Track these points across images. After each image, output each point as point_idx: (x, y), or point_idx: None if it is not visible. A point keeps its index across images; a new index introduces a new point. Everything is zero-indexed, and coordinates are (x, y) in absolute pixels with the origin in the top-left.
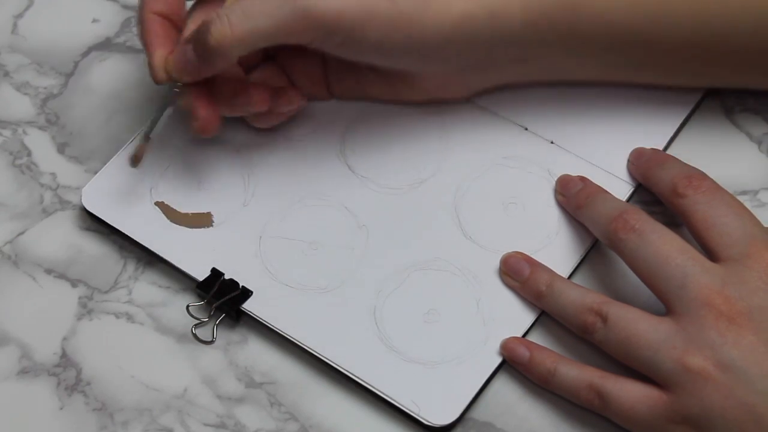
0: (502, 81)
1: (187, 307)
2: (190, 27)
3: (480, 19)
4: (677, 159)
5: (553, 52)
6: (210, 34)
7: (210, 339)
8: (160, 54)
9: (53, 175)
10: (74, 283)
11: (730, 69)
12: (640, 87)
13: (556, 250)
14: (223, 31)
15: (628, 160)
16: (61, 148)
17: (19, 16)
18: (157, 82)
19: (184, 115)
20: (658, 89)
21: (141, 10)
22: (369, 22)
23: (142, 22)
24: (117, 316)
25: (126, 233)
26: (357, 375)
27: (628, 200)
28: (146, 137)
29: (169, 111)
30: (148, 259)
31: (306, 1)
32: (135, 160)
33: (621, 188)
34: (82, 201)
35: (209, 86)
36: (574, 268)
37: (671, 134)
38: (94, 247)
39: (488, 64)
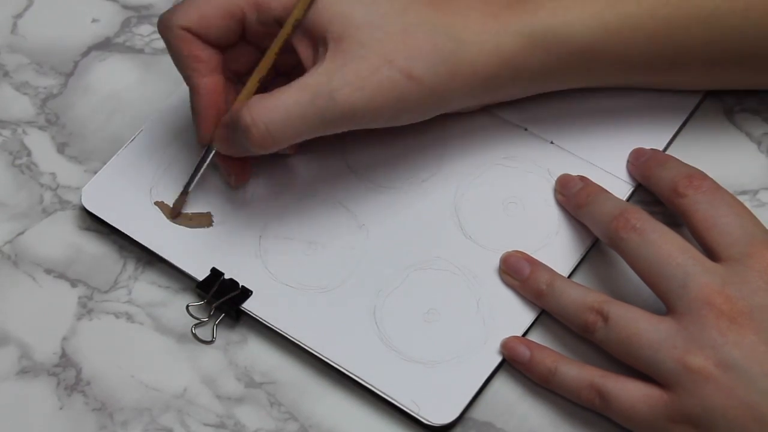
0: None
1: (187, 306)
2: (249, 92)
3: (504, 77)
4: (677, 159)
5: (571, 84)
6: (249, 141)
7: (210, 339)
8: (206, 119)
9: (53, 175)
10: (74, 283)
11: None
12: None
13: (556, 250)
14: (264, 139)
15: (628, 160)
16: (61, 148)
17: (19, 16)
18: (201, 143)
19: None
20: (657, 90)
21: (189, 77)
22: (401, 111)
23: (192, 88)
24: (117, 315)
25: (126, 233)
26: (357, 375)
27: (628, 200)
28: (185, 191)
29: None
30: (148, 258)
31: (344, 107)
32: (173, 214)
33: (621, 188)
34: (82, 201)
35: None
36: (574, 267)
37: (671, 134)
38: (93, 246)
39: (506, 98)
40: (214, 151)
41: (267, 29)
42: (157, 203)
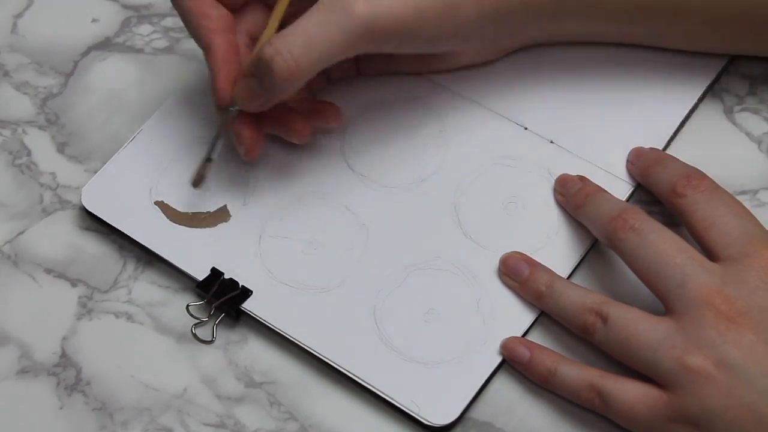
0: (530, 43)
1: (187, 306)
2: (241, 41)
3: (515, 2)
4: (676, 158)
5: (581, 21)
6: (274, 72)
7: (210, 339)
8: (225, 78)
9: (53, 174)
10: (74, 283)
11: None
12: (641, 84)
13: (556, 250)
14: (289, 67)
15: (628, 160)
16: (61, 148)
17: (19, 15)
18: (220, 105)
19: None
20: (657, 87)
21: (201, 36)
22: (422, 21)
23: (206, 47)
24: (117, 315)
25: (126, 233)
26: (357, 375)
27: (628, 200)
28: (208, 158)
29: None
30: (148, 258)
31: (365, 17)
32: (197, 182)
33: (620, 188)
34: (82, 201)
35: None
36: (573, 267)
37: (671, 134)
38: (93, 246)
39: (520, 34)
40: (237, 110)
41: None
42: (157, 203)
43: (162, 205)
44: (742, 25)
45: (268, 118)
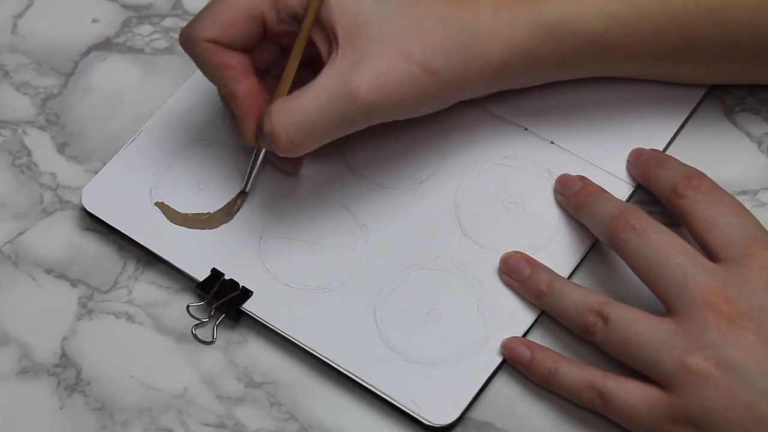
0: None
1: (188, 307)
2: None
3: (516, 67)
4: (677, 159)
5: (584, 74)
6: (276, 148)
7: (210, 339)
8: (251, 123)
9: (53, 175)
10: (74, 283)
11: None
12: (641, 84)
13: (557, 250)
14: (287, 146)
15: (628, 161)
16: (61, 148)
17: (19, 16)
18: (246, 145)
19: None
20: (658, 88)
21: (224, 86)
22: (420, 103)
23: (230, 95)
24: (117, 316)
25: (126, 234)
26: (357, 375)
27: (628, 200)
28: (243, 191)
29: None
30: (148, 259)
31: (364, 105)
32: (230, 213)
33: (621, 188)
34: (82, 201)
35: None
36: (574, 267)
37: (671, 134)
38: (94, 246)
39: (516, 86)
40: (264, 150)
41: (286, 27)
42: (157, 204)
43: (162, 206)
44: (751, 63)
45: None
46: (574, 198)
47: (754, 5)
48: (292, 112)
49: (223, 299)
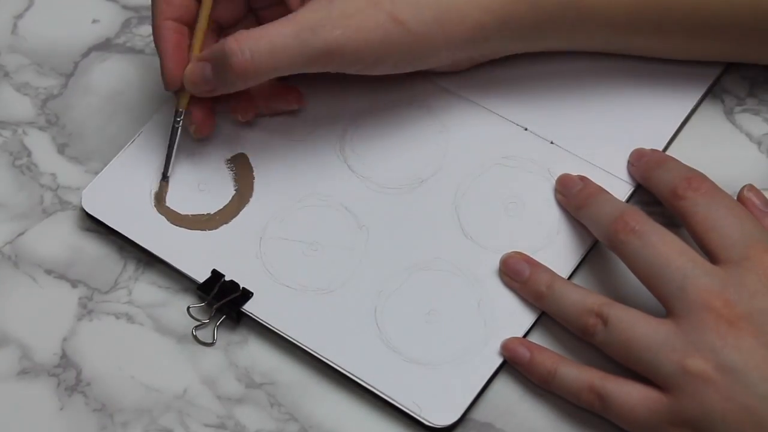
0: (502, 56)
1: (188, 308)
2: (199, 36)
3: (490, 29)
4: (677, 160)
5: (558, 43)
6: (231, 66)
7: (210, 341)
8: (173, 62)
9: (53, 175)
10: (74, 284)
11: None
12: (641, 84)
13: (557, 250)
14: (245, 65)
15: (628, 161)
16: (61, 149)
17: (19, 16)
18: (168, 89)
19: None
20: (658, 88)
21: (154, 17)
22: (387, 53)
23: (156, 29)
24: (117, 316)
25: (126, 235)
26: (358, 376)
27: (628, 201)
28: (164, 177)
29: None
30: (148, 259)
31: (326, 42)
32: (159, 200)
33: (621, 188)
34: (83, 203)
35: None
36: (574, 268)
37: (671, 134)
38: (94, 247)
39: (495, 54)
40: (182, 117)
41: None
42: (157, 205)
43: (162, 208)
44: (727, 38)
45: (258, 95)
46: (575, 198)
47: None
48: (257, 36)
49: (223, 300)
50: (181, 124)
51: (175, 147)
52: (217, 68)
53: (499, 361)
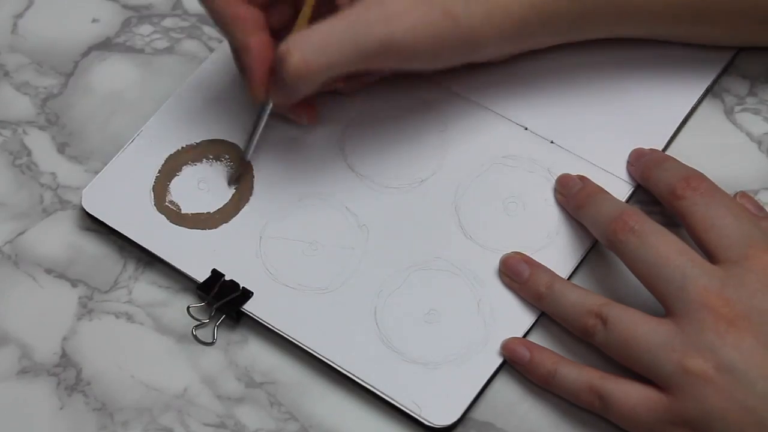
0: (543, 47)
1: (188, 308)
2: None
3: (534, 23)
4: (676, 160)
5: (600, 33)
6: (285, 69)
7: (210, 340)
8: (261, 76)
9: (53, 174)
10: (74, 283)
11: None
12: (641, 84)
13: (557, 250)
14: (299, 67)
15: (628, 161)
16: (61, 148)
17: (19, 16)
18: (256, 102)
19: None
20: (658, 87)
21: (235, 33)
22: (438, 48)
23: (241, 47)
24: (117, 316)
25: (126, 235)
26: (357, 375)
27: (628, 200)
28: (246, 162)
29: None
30: (148, 259)
31: (382, 37)
32: (234, 181)
33: (621, 188)
34: (83, 203)
35: None
36: (574, 268)
37: (671, 134)
38: (94, 247)
39: (536, 45)
40: (270, 106)
41: None
42: (157, 204)
43: (162, 207)
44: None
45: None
46: (574, 198)
47: None
48: (308, 34)
49: (223, 300)
50: (267, 113)
51: (261, 128)
52: (278, 80)
53: (499, 361)
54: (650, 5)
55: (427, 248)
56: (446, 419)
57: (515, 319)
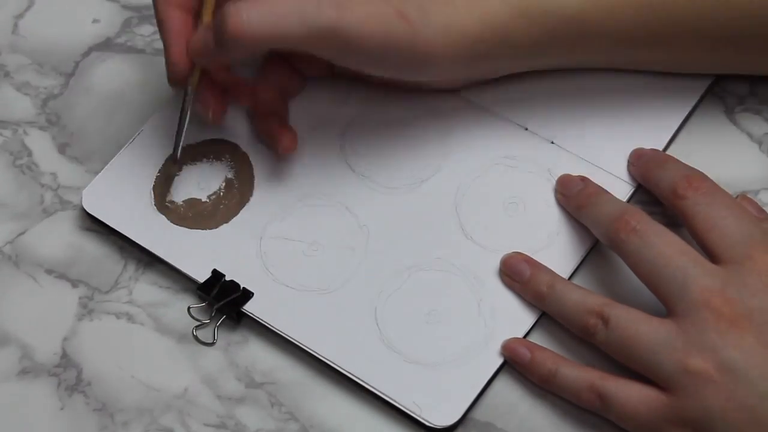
0: (501, 75)
1: (188, 309)
2: (209, 4)
3: (490, 44)
4: (677, 160)
5: (559, 60)
6: (226, 27)
7: (211, 341)
8: (179, 52)
9: (54, 175)
10: (75, 284)
11: (737, 53)
12: (641, 84)
13: (557, 250)
14: (240, 27)
15: (628, 161)
16: (62, 149)
17: (20, 16)
18: (174, 79)
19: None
20: (658, 87)
21: (157, 5)
22: (390, 49)
23: (160, 20)
24: (117, 316)
25: (127, 235)
26: (358, 376)
27: (629, 201)
28: (174, 159)
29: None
30: (149, 259)
31: (330, 20)
32: (167, 181)
33: (621, 188)
34: (83, 204)
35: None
36: (575, 268)
37: (671, 134)
38: (94, 247)
39: (495, 72)
40: (191, 95)
41: None
42: (157, 205)
43: (163, 207)
44: (734, 49)
45: (258, 122)
46: (575, 199)
47: None
48: (258, 2)
49: (223, 301)
50: (190, 104)
51: (185, 128)
52: (216, 33)
53: (499, 361)
54: (611, 29)
55: (427, 249)
56: (447, 420)
57: (516, 319)
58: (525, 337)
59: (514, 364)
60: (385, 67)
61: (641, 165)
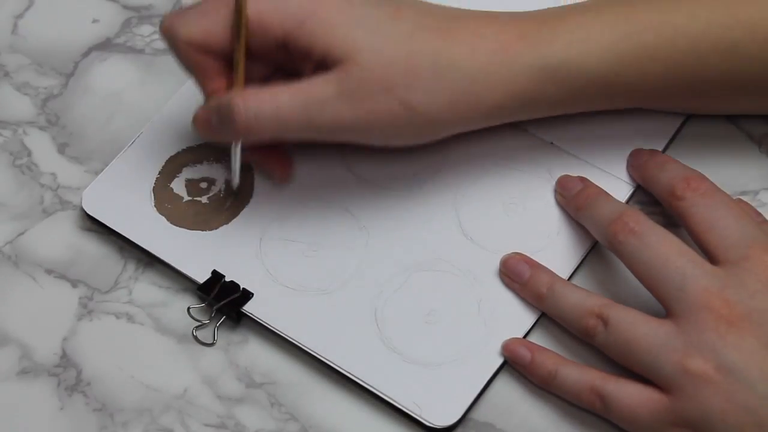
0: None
1: (188, 309)
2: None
3: (510, 108)
4: (675, 160)
5: (580, 110)
6: (234, 122)
7: (211, 341)
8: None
9: (53, 175)
10: (74, 284)
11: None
12: None
13: (557, 251)
14: (248, 124)
15: (627, 162)
16: (62, 149)
17: (20, 16)
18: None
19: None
20: None
21: (194, 73)
22: (395, 134)
23: (199, 86)
24: (117, 316)
25: (127, 236)
26: (358, 376)
27: (628, 201)
28: (234, 188)
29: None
30: (148, 259)
31: (334, 120)
32: (222, 211)
33: (621, 189)
34: (83, 204)
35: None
36: (574, 269)
37: (671, 135)
38: (94, 247)
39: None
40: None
41: (268, 51)
42: (157, 206)
43: (163, 208)
44: (761, 98)
45: (255, 155)
46: (574, 200)
47: (764, 40)
48: (263, 99)
49: (223, 301)
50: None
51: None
52: (222, 120)
53: (499, 361)
54: (639, 84)
55: (427, 249)
56: (447, 420)
57: (516, 319)
58: (525, 337)
59: (515, 364)
60: (390, 144)
61: (640, 166)
